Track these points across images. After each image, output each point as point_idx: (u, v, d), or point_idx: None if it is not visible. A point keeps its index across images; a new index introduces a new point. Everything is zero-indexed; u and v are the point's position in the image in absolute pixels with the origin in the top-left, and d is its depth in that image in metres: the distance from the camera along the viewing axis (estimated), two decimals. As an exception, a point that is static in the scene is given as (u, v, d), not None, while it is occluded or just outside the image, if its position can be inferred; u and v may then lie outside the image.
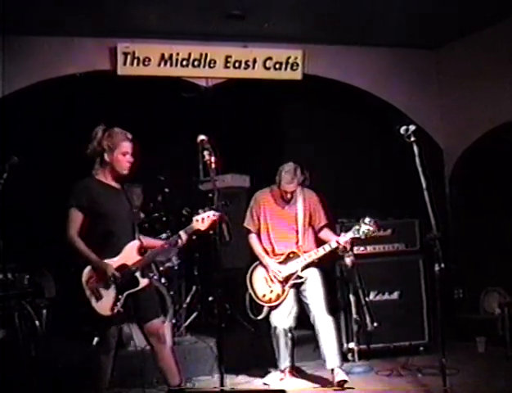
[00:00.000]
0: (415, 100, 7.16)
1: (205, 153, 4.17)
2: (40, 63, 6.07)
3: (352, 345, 5.80)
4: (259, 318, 5.20)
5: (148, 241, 4.38)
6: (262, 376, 5.40)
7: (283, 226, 5.26)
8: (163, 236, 5.69)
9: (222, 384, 4.06)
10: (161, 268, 5.95)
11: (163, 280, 5.90)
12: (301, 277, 5.10)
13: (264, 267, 5.23)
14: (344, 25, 6.32)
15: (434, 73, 7.27)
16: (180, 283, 6.34)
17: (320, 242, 5.21)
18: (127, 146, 4.20)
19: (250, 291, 5.25)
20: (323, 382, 5.17)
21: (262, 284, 5.21)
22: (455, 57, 6.98)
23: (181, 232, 4.24)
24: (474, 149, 6.88)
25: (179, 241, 4.25)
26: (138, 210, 5.83)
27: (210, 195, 4.53)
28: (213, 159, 4.16)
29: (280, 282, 5.12)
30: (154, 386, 5.04)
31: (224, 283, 4.80)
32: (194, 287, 6.34)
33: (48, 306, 5.41)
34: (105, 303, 4.06)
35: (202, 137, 4.22)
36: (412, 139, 4.23)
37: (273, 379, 5.27)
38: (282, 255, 5.18)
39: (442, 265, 4.05)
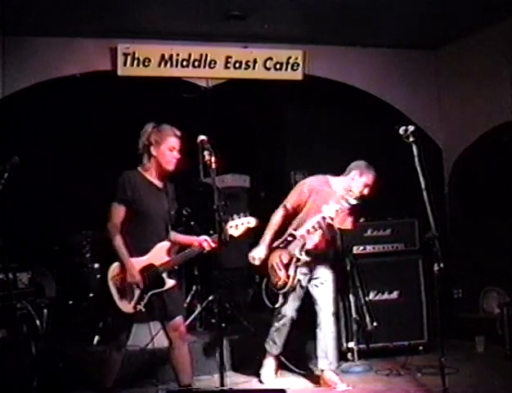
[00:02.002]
0: (414, 100, 7.18)
1: (205, 153, 4.18)
2: (40, 63, 6.08)
3: (351, 344, 5.80)
4: (276, 306, 5.05)
5: (177, 237, 4.40)
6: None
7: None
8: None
9: (222, 384, 4.07)
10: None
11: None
12: (298, 259, 4.91)
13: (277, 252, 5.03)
14: (345, 26, 6.33)
15: (434, 73, 7.29)
16: (180, 283, 6.35)
17: None
18: (174, 141, 4.24)
19: (267, 278, 5.07)
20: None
21: (272, 270, 5.03)
22: (455, 58, 6.99)
23: (211, 237, 4.26)
24: (473, 149, 6.89)
25: (206, 244, 4.24)
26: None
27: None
28: (213, 159, 4.17)
29: (284, 266, 4.94)
30: (154, 386, 5.06)
31: (224, 283, 4.83)
32: (194, 287, 6.35)
33: (49, 306, 5.42)
34: (128, 301, 4.09)
35: (202, 137, 4.23)
36: (411, 139, 4.25)
37: (269, 371, 5.27)
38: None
39: (442, 265, 4.06)
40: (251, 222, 4.21)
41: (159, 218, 4.24)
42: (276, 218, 5.13)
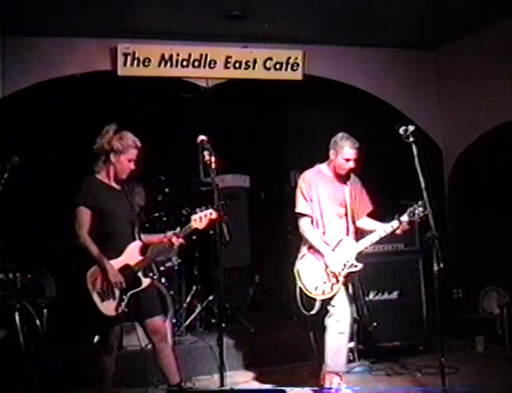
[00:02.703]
0: (414, 100, 7.18)
1: (205, 153, 4.19)
2: (40, 63, 6.07)
3: (351, 344, 5.79)
4: (312, 313, 4.74)
5: (149, 237, 4.41)
6: (262, 376, 5.40)
7: (333, 209, 4.87)
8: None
9: (222, 384, 4.08)
10: (161, 268, 5.96)
11: (163, 280, 5.91)
12: (356, 266, 4.71)
13: (317, 256, 4.78)
14: (344, 26, 6.33)
15: (434, 73, 7.28)
16: (180, 283, 6.36)
17: (358, 231, 4.91)
18: (134, 153, 4.25)
19: (299, 282, 4.77)
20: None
21: (313, 275, 4.74)
22: (455, 57, 6.99)
23: (176, 232, 4.26)
24: (473, 149, 6.89)
25: (174, 239, 4.24)
26: (141, 209, 5.83)
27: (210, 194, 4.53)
28: (213, 159, 4.18)
29: (336, 272, 4.70)
30: (154, 386, 5.06)
31: (224, 283, 4.82)
32: (194, 287, 6.36)
33: (49, 306, 5.42)
34: (109, 303, 4.10)
35: (202, 137, 4.24)
36: (411, 139, 4.26)
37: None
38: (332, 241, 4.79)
39: (442, 265, 4.06)
40: (213, 213, 4.21)
41: (124, 218, 4.25)
42: (310, 228, 4.87)
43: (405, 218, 4.64)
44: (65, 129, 6.67)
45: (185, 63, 6.40)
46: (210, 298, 6.18)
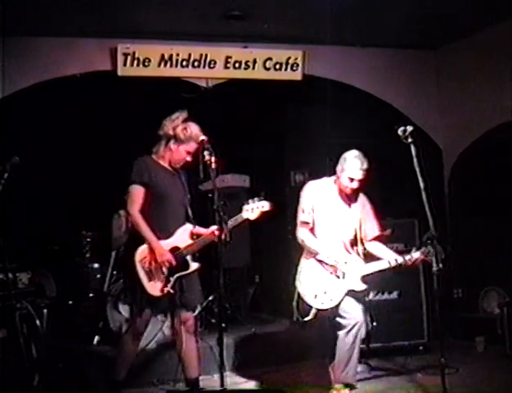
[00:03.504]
0: (414, 100, 7.17)
1: (205, 153, 4.20)
2: (40, 64, 6.08)
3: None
4: (306, 319, 4.68)
5: (197, 229, 4.41)
6: (262, 376, 5.40)
7: (336, 227, 4.73)
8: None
9: (222, 384, 4.08)
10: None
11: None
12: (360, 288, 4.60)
13: (319, 263, 4.67)
14: (344, 26, 6.32)
15: (433, 73, 7.28)
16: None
17: (365, 256, 4.78)
18: (193, 146, 4.29)
19: (298, 287, 4.69)
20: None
21: (313, 283, 4.65)
22: (455, 58, 6.99)
23: (229, 221, 4.22)
24: (473, 149, 6.88)
25: (225, 228, 4.13)
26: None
27: (210, 195, 4.54)
28: (213, 159, 4.18)
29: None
30: (154, 386, 5.06)
31: (224, 283, 4.82)
32: (194, 287, 6.35)
33: (49, 306, 5.42)
34: (156, 283, 4.13)
35: (202, 137, 4.24)
36: (410, 140, 4.25)
37: None
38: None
39: (441, 265, 4.06)
40: (265, 206, 4.23)
41: (177, 200, 4.30)
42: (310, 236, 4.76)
43: (417, 255, 4.55)
44: (65, 129, 6.68)
45: (185, 63, 6.40)
46: (210, 298, 6.18)
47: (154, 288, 4.14)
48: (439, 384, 4.12)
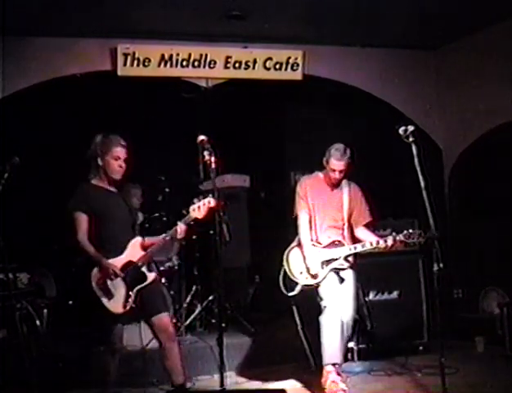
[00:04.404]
0: (414, 100, 7.18)
1: (205, 153, 4.20)
2: (40, 64, 6.08)
3: (351, 344, 5.79)
4: (291, 294, 5.02)
5: (148, 240, 4.41)
6: (263, 376, 5.40)
7: (328, 212, 5.06)
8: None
9: (222, 384, 4.08)
10: (161, 268, 5.96)
11: (163, 280, 5.91)
12: (343, 265, 4.91)
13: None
14: (344, 26, 6.34)
15: (433, 73, 7.29)
16: (180, 283, 6.36)
17: (355, 241, 5.02)
18: (119, 151, 4.27)
19: (285, 266, 5.07)
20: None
21: (299, 262, 5.00)
22: (454, 58, 6.99)
23: (179, 223, 4.29)
24: (473, 149, 6.89)
25: (178, 230, 4.26)
26: (137, 210, 5.84)
27: (210, 195, 4.53)
28: (213, 159, 4.18)
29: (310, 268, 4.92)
30: (154, 386, 5.06)
31: (224, 283, 4.82)
32: (194, 287, 6.35)
33: (49, 306, 5.42)
34: (117, 301, 4.11)
35: (202, 137, 4.24)
36: (411, 139, 4.25)
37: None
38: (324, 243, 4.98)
39: (441, 265, 4.06)
40: (211, 202, 4.23)
41: (123, 220, 4.29)
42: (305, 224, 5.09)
43: (400, 237, 4.81)
44: (65, 129, 6.67)
45: (185, 63, 6.40)
46: (210, 298, 6.18)
47: (116, 306, 4.11)
48: (439, 384, 4.11)
